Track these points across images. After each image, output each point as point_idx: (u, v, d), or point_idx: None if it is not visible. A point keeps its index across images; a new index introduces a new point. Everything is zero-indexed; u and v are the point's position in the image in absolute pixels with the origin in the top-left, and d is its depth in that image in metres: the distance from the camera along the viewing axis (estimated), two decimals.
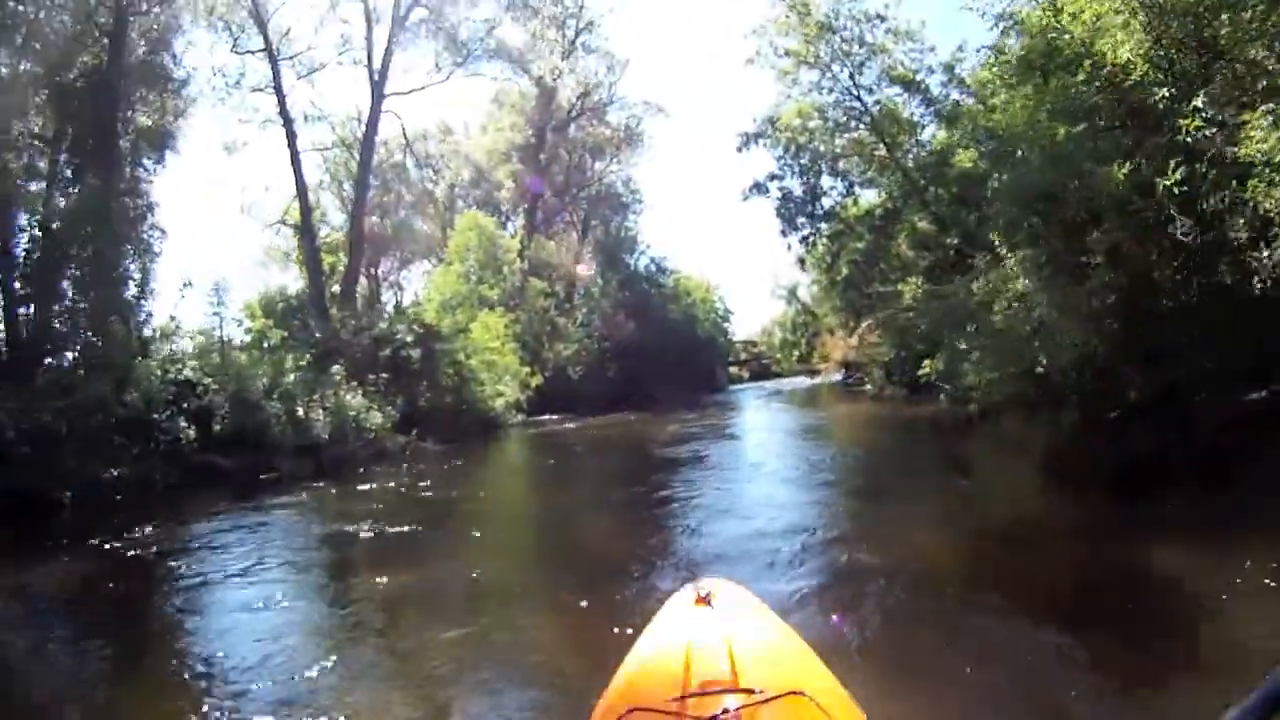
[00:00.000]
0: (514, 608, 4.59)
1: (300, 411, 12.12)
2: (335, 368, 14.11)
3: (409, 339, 16.75)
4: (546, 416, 22.07)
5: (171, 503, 8.96)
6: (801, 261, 20.83)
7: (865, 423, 16.23)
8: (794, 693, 1.31)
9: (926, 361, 12.10)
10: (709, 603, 1.80)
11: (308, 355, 15.50)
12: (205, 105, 18.24)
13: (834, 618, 3.82)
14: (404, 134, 25.25)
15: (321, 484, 10.55)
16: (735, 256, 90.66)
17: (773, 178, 19.84)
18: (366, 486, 10.19)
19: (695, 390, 34.81)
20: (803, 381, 38.92)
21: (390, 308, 27.05)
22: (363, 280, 40.59)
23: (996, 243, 9.39)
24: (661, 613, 1.97)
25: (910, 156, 18.06)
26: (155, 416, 10.33)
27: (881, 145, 18.94)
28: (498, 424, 18.73)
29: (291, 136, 19.27)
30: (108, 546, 6.69)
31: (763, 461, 10.73)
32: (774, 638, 1.75)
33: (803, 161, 19.45)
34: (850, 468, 10.16)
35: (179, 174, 44.77)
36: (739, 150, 19.90)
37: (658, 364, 31.68)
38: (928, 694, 2.96)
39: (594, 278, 33.91)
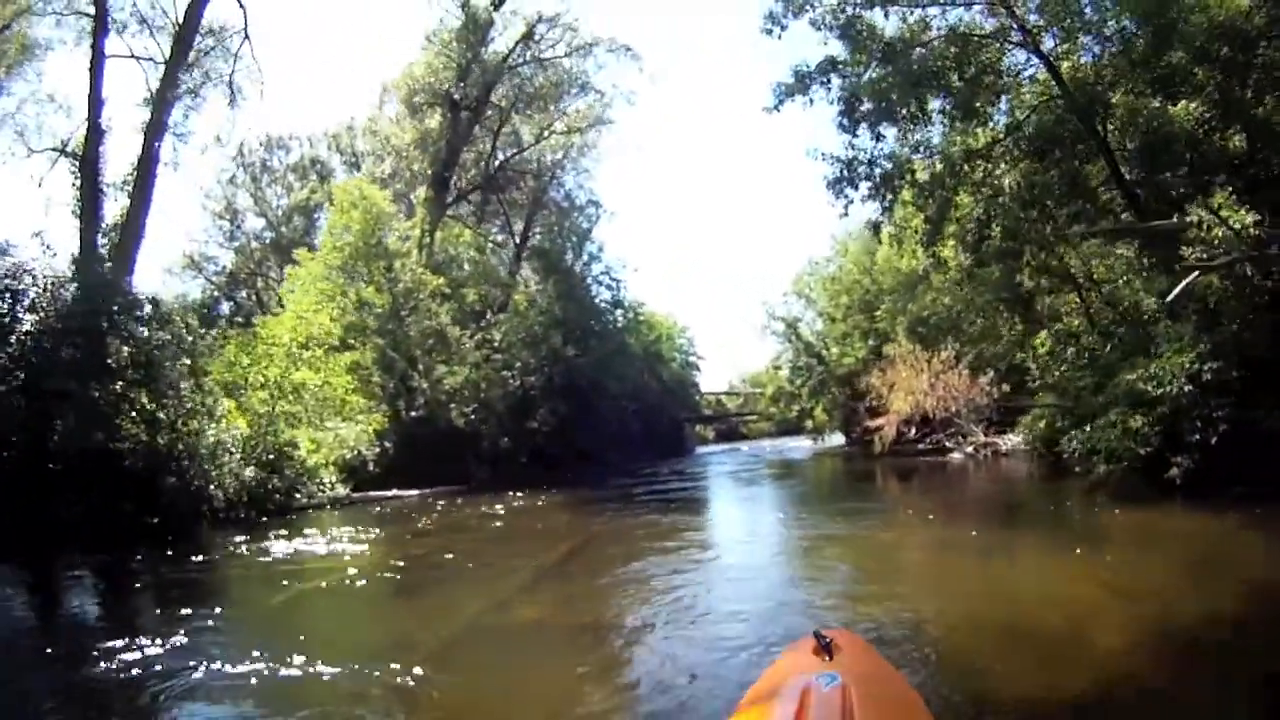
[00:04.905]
0: None
1: None
2: None
3: None
4: (408, 492, 11.86)
5: None
6: (875, 228, 11.53)
7: None
8: None
9: None
10: (829, 653, 1.80)
11: None
12: None
13: None
14: (245, 30, 14.81)
15: None
16: (699, 302, 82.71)
17: (833, 66, 10.76)
18: None
19: (655, 454, 25.11)
20: (794, 445, 29.53)
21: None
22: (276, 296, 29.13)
23: None
24: (779, 659, 1.96)
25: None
26: None
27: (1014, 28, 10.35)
28: (235, 518, 8.43)
29: (100, 29, 12.40)
30: None
31: None
32: (891, 694, 1.71)
33: (886, 37, 10.50)
34: None
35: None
36: (767, 31, 10.99)
37: (604, 414, 21.80)
38: None
39: (526, 284, 23.87)
